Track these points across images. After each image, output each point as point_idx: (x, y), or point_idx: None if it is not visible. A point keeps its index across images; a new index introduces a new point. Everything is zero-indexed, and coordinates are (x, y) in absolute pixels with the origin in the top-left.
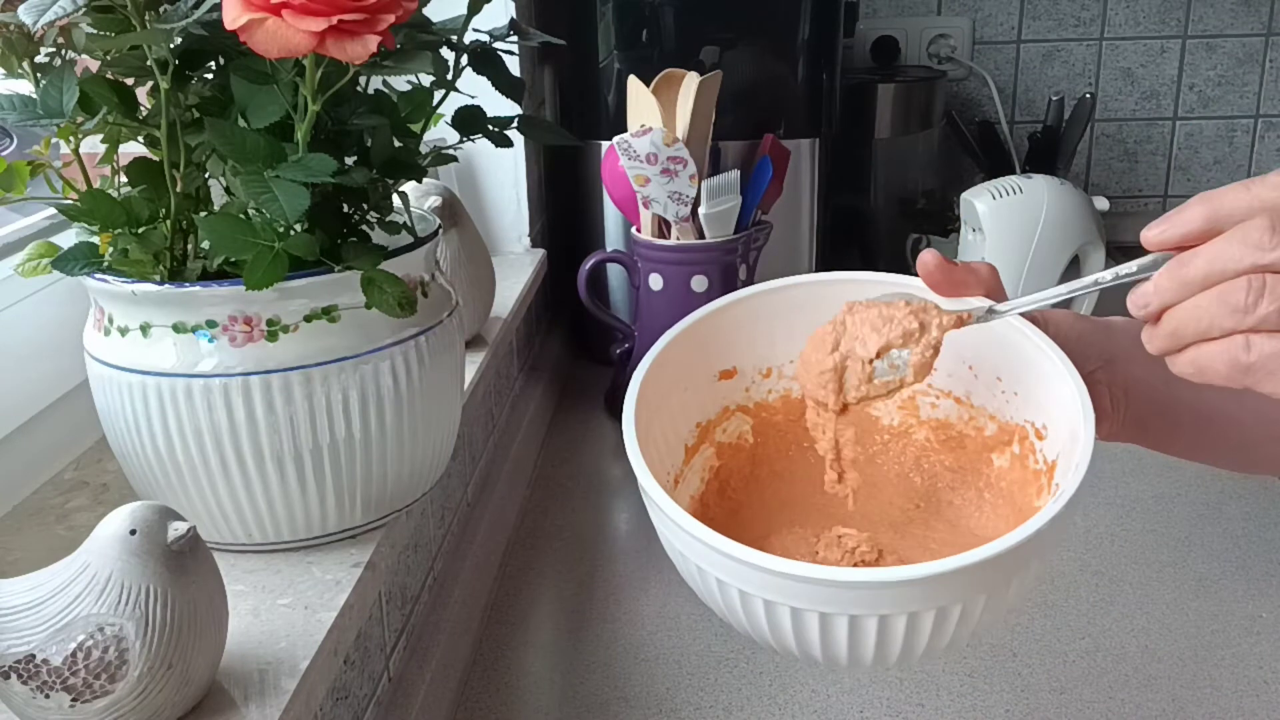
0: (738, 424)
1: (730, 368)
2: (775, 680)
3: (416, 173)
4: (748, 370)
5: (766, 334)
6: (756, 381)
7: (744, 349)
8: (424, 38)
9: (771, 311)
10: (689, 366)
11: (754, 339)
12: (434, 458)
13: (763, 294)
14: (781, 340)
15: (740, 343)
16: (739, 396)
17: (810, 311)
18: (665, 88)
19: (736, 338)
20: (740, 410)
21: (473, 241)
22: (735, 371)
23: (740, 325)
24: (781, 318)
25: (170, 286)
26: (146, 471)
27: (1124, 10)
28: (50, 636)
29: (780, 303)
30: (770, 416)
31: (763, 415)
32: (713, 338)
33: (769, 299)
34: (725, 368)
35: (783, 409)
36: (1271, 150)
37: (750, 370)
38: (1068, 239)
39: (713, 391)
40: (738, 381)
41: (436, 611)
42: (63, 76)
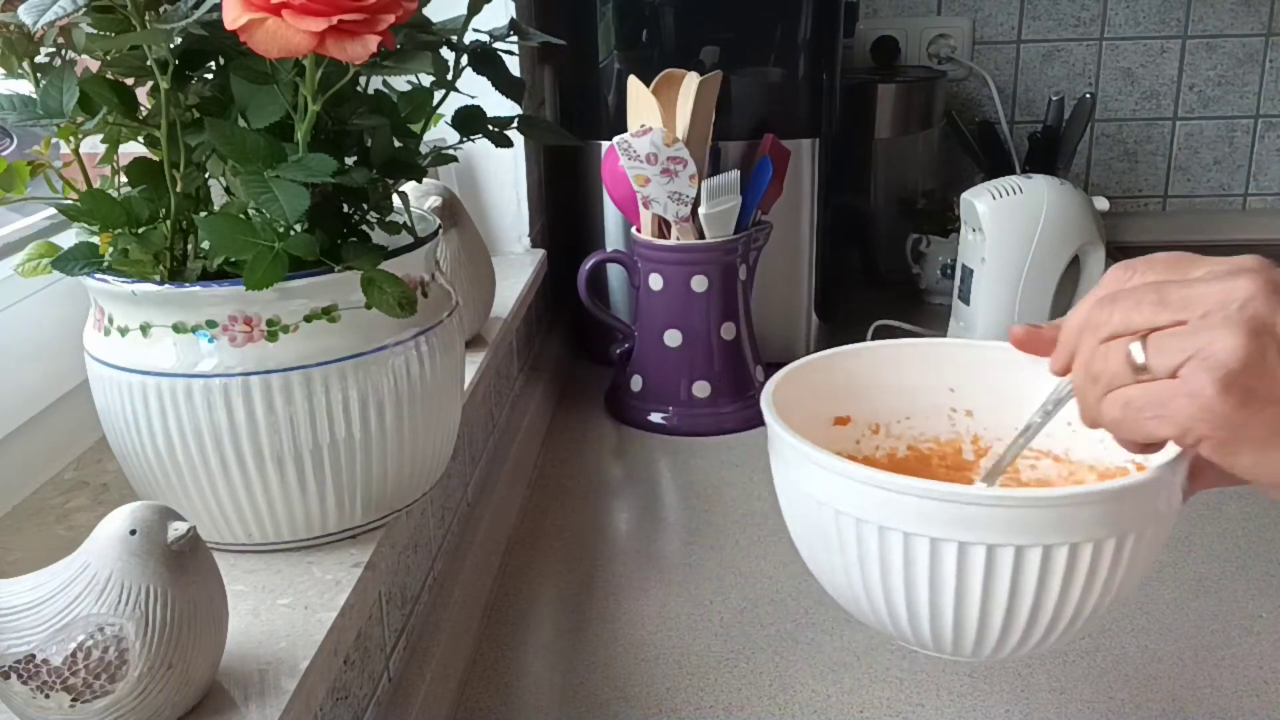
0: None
1: (845, 415)
2: (775, 680)
3: (416, 173)
4: (860, 421)
5: (877, 386)
6: (866, 436)
7: (857, 397)
8: (424, 38)
9: (882, 363)
10: (808, 400)
11: (866, 389)
12: (434, 458)
13: (875, 347)
14: (891, 396)
15: (854, 390)
16: (850, 446)
17: (922, 373)
18: (665, 88)
19: (850, 383)
20: (850, 459)
21: (473, 241)
22: (849, 420)
23: (854, 371)
24: (891, 371)
25: (170, 286)
26: (146, 471)
27: (1124, 10)
28: (50, 636)
29: (889, 356)
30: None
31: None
32: (831, 376)
33: (880, 352)
34: (840, 414)
35: (889, 467)
36: (1271, 150)
37: (862, 423)
38: (1068, 239)
39: (828, 435)
40: (850, 431)
41: (436, 611)
42: (63, 76)
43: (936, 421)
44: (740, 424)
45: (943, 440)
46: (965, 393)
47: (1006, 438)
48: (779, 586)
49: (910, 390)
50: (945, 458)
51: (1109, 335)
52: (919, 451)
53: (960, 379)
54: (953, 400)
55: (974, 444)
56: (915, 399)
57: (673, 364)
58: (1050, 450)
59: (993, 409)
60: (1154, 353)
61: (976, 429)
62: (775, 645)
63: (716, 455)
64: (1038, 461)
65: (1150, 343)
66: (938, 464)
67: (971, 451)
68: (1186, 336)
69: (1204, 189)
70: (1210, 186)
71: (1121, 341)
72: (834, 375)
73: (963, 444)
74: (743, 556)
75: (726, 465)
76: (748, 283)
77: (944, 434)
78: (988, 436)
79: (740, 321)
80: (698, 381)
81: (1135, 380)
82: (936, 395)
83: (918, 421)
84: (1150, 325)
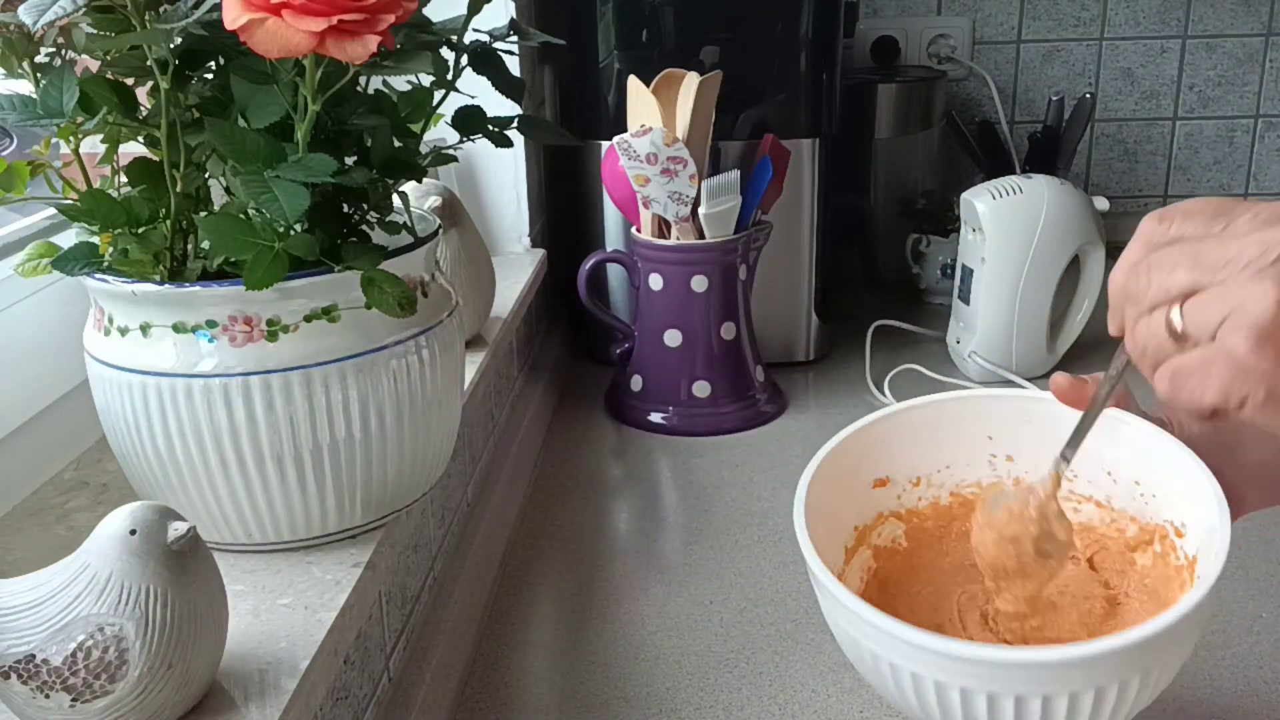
0: (891, 529)
1: (883, 477)
2: (775, 680)
3: (416, 173)
4: (899, 479)
5: (914, 445)
6: (907, 490)
7: (895, 459)
8: (424, 38)
9: (919, 425)
10: (845, 475)
11: (904, 450)
12: (434, 458)
13: (911, 409)
14: (929, 451)
15: (891, 454)
16: (892, 503)
17: (954, 425)
18: (665, 88)
19: (888, 449)
20: (894, 516)
21: (473, 241)
22: (888, 480)
23: (890, 438)
24: (928, 431)
25: (170, 286)
26: (146, 471)
27: (1124, 10)
28: (50, 636)
29: (926, 417)
30: (921, 523)
31: (914, 521)
32: (867, 449)
33: (916, 414)
34: (879, 477)
35: (933, 515)
36: (1271, 150)
37: (901, 479)
38: (1068, 239)
39: (868, 498)
40: (890, 490)
41: (436, 611)
42: (63, 76)
43: (977, 468)
44: (740, 424)
45: (985, 484)
46: (1003, 439)
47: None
48: (779, 586)
49: (947, 443)
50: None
51: (1149, 306)
52: (962, 496)
53: (996, 428)
54: (992, 447)
55: (1016, 485)
56: (954, 450)
57: (673, 364)
58: (1092, 495)
59: (1033, 452)
60: (1191, 318)
61: (1017, 472)
62: (775, 645)
63: (716, 455)
64: (1081, 506)
65: (1187, 308)
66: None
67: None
68: (1221, 296)
69: (1204, 189)
70: (1210, 186)
71: (1161, 311)
72: (865, 447)
73: (1005, 487)
74: (743, 556)
75: (726, 465)
76: (748, 283)
77: (985, 478)
78: (1030, 478)
79: (740, 321)
80: (698, 381)
81: (1179, 349)
82: (975, 445)
83: (958, 469)
84: (1187, 289)
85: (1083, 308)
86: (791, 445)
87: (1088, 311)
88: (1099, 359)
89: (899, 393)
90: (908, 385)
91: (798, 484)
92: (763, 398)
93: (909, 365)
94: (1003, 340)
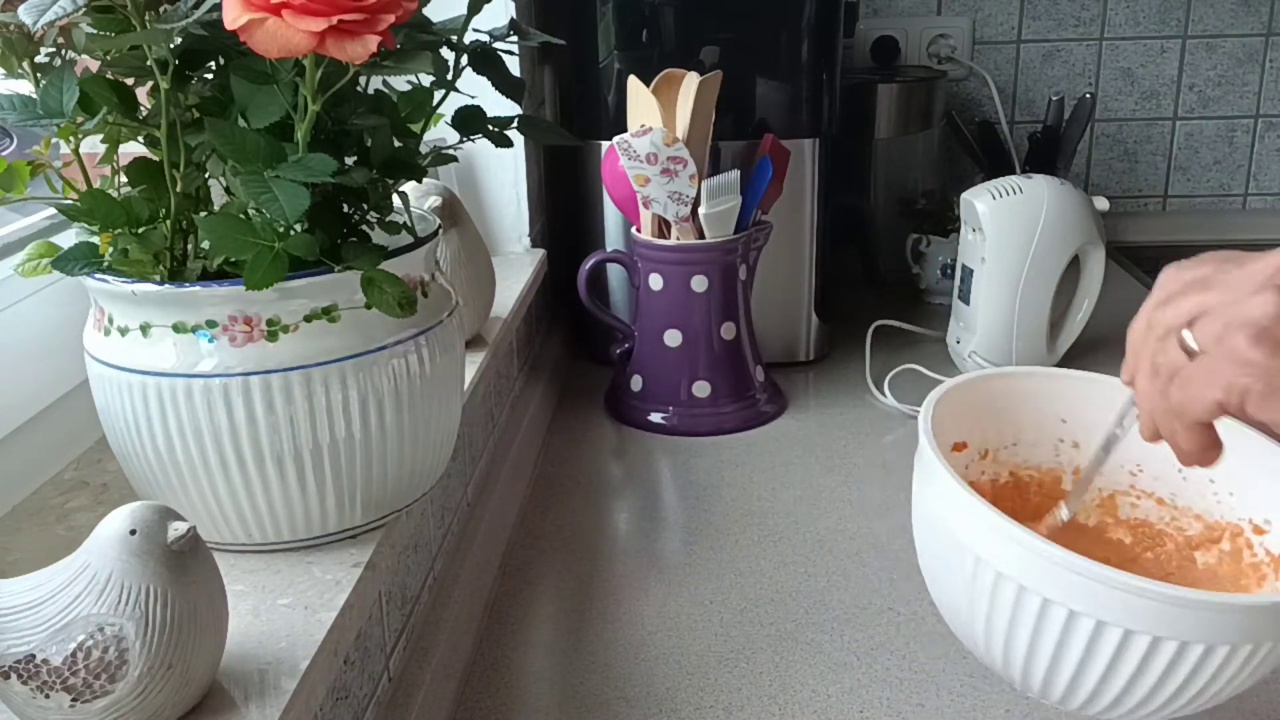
0: None
1: (963, 441)
2: (775, 680)
3: (416, 173)
4: (973, 447)
5: (996, 413)
6: (974, 460)
7: (977, 424)
8: (424, 38)
9: (1008, 392)
10: (937, 432)
11: (989, 415)
12: (434, 458)
13: (1001, 376)
14: (1001, 423)
15: (977, 417)
16: (960, 471)
17: (1039, 401)
18: (665, 88)
19: (974, 412)
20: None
21: (473, 241)
22: (965, 445)
23: (978, 401)
24: (1013, 400)
25: (170, 286)
26: (146, 471)
27: (1124, 10)
28: (50, 636)
29: (1015, 388)
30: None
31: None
32: (959, 408)
33: (1005, 382)
34: (958, 440)
35: (989, 493)
36: (1271, 150)
37: (974, 448)
38: (1068, 239)
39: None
40: (962, 457)
41: (436, 611)
42: (63, 76)
43: (1042, 449)
44: (740, 424)
45: (1044, 469)
46: (1076, 424)
47: (1109, 472)
48: (779, 586)
49: (1023, 414)
50: (1043, 486)
51: (1164, 332)
52: (1019, 479)
53: (1074, 411)
54: (1062, 430)
55: (1075, 476)
56: (1026, 425)
57: (673, 364)
58: (1154, 492)
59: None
60: (1199, 333)
61: (1080, 461)
62: (775, 645)
63: (716, 455)
64: (1139, 501)
65: (1196, 325)
66: (1034, 492)
67: (1070, 482)
68: (1225, 309)
69: (1204, 189)
70: (1210, 186)
71: (1174, 335)
72: (963, 402)
73: (1063, 474)
74: (743, 556)
75: (726, 465)
76: (748, 283)
77: (1046, 462)
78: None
79: (740, 321)
80: (698, 381)
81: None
82: (1048, 424)
83: (1024, 448)
84: (1196, 312)
85: (1083, 308)
86: (791, 445)
87: (1088, 311)
88: (1099, 359)
89: (899, 393)
90: (908, 385)
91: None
92: (763, 398)
93: (909, 365)
94: (1003, 340)
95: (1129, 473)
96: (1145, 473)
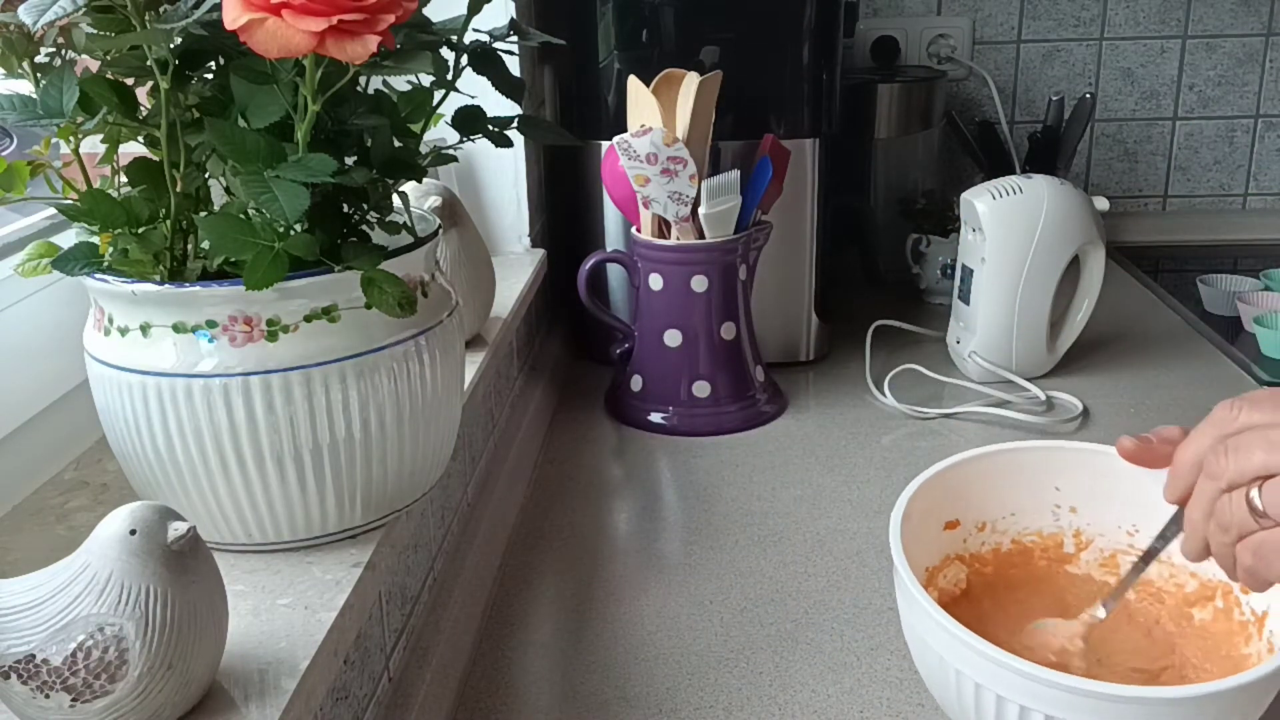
0: (955, 572)
1: (954, 519)
2: (775, 680)
3: (416, 173)
4: (968, 523)
5: (987, 490)
6: (973, 534)
7: (967, 503)
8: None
9: (994, 470)
10: (923, 516)
11: (979, 494)
12: (434, 458)
13: (988, 456)
14: (1000, 496)
15: (966, 497)
16: (958, 547)
17: (1030, 474)
18: (665, 88)
19: (963, 493)
20: (958, 559)
21: (473, 241)
22: (958, 523)
23: (968, 481)
24: (1001, 477)
25: (170, 286)
26: (146, 471)
27: (1124, 10)
28: (50, 636)
29: (1005, 463)
30: (981, 568)
31: (975, 565)
32: (946, 491)
33: (992, 460)
34: (950, 519)
35: (993, 561)
36: (1271, 150)
37: (970, 523)
38: (1068, 239)
39: (938, 540)
40: (958, 532)
41: (436, 611)
42: (63, 76)
43: (1041, 516)
44: (740, 424)
45: (1045, 534)
46: (1070, 491)
47: (1108, 533)
48: (779, 586)
49: (1017, 489)
50: (1047, 550)
51: (1228, 485)
52: (1022, 545)
53: (1066, 479)
54: (1058, 497)
55: (1075, 538)
56: (1021, 497)
57: (673, 364)
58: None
59: (1096, 505)
60: (1269, 498)
61: (1079, 524)
62: (775, 645)
63: (716, 455)
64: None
65: (1266, 490)
66: (1039, 556)
67: (1073, 544)
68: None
69: (1204, 189)
70: (1210, 186)
71: (1241, 491)
72: (949, 484)
73: (1064, 537)
74: (743, 556)
75: (726, 465)
76: (748, 283)
77: (1047, 528)
78: (1090, 531)
79: (740, 321)
80: (698, 381)
81: (1260, 526)
82: (1042, 493)
83: (1022, 516)
84: (1262, 470)
85: (1083, 308)
86: (791, 445)
87: (1088, 311)
88: (1099, 359)
89: (899, 393)
90: (908, 385)
91: (889, 529)
92: (763, 398)
93: (909, 365)
94: (1003, 340)
95: (1126, 532)
96: (1141, 532)
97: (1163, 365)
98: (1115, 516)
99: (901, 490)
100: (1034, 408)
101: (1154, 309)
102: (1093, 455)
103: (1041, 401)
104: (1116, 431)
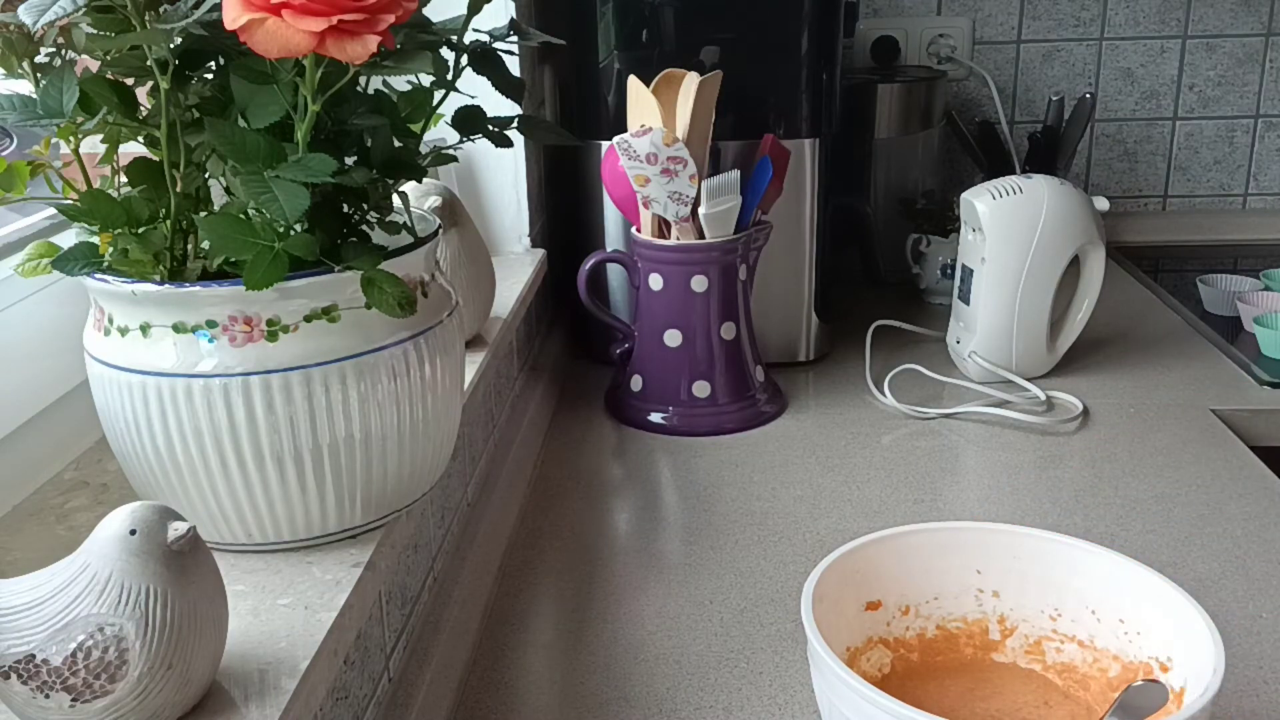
0: (879, 655)
1: (876, 600)
2: (775, 680)
3: (416, 173)
4: (890, 605)
5: (907, 571)
6: (896, 618)
7: (888, 583)
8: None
9: (912, 550)
10: (841, 591)
11: (898, 575)
12: (434, 458)
13: (906, 535)
14: (920, 578)
15: (884, 576)
16: (881, 629)
17: (950, 556)
18: (665, 88)
19: (883, 571)
20: (881, 642)
21: (473, 241)
22: (880, 604)
23: (885, 560)
24: (920, 558)
25: (170, 286)
26: (146, 471)
27: (1124, 10)
28: (50, 636)
29: (923, 544)
30: (907, 654)
31: (900, 651)
32: (864, 568)
33: (911, 539)
34: (871, 599)
35: (918, 647)
36: (1271, 150)
37: (892, 605)
38: (1068, 239)
39: (860, 620)
40: (881, 614)
41: (436, 611)
42: (63, 76)
43: (964, 601)
44: (740, 424)
45: (970, 620)
46: (991, 574)
47: (1031, 618)
48: (779, 586)
49: (939, 572)
50: (973, 637)
51: None
52: (947, 631)
53: (986, 561)
54: (980, 581)
55: (1000, 623)
56: (943, 580)
57: (673, 364)
58: (1074, 635)
59: (1018, 589)
60: None
61: (1003, 609)
62: (775, 645)
63: (716, 455)
64: (1063, 645)
65: None
66: (965, 643)
67: (998, 631)
68: None
69: (1204, 189)
70: (1210, 186)
71: None
72: (866, 563)
73: (989, 623)
74: (743, 556)
75: (726, 465)
76: (748, 283)
77: (971, 614)
78: (1014, 617)
79: (740, 321)
80: (698, 381)
81: None
82: (964, 576)
83: (946, 601)
84: None
85: (1083, 308)
86: (791, 445)
87: (1088, 311)
88: (1099, 359)
89: (899, 393)
90: (908, 385)
91: (801, 602)
92: (763, 398)
93: (909, 365)
94: (1003, 340)
95: (1049, 617)
96: (1064, 616)
97: (1163, 365)
98: (1036, 600)
99: (901, 490)
100: (1034, 408)
101: (1154, 309)
102: (1008, 536)
103: (1041, 401)
104: (1116, 431)
